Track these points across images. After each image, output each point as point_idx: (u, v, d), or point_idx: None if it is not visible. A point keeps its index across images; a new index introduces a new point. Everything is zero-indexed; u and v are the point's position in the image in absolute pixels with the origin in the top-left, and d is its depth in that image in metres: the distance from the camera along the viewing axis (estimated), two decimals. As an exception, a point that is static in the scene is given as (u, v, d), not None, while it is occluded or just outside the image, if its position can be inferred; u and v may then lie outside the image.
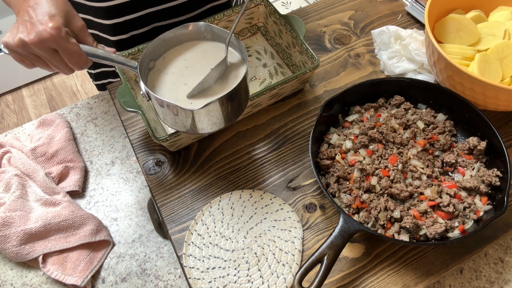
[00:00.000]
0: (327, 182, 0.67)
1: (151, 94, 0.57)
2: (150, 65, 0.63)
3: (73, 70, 0.57)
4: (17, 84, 2.22)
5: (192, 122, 0.58)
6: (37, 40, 0.51)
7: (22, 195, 0.72)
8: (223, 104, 0.57)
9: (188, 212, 0.69)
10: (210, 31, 0.63)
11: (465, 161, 0.68)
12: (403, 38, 0.85)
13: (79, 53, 0.54)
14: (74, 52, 0.54)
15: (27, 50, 0.52)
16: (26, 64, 0.55)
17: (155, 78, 0.62)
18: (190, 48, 0.65)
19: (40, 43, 0.51)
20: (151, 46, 0.61)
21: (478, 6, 0.82)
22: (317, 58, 0.73)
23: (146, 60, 0.62)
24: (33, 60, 0.55)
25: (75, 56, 0.54)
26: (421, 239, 0.61)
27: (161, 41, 0.62)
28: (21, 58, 0.54)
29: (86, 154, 0.83)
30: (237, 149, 0.75)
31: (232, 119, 0.62)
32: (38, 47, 0.51)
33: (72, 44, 0.53)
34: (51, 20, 0.51)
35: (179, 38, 0.64)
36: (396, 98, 0.76)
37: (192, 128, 0.60)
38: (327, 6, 0.98)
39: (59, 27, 0.51)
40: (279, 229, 0.66)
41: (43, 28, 0.50)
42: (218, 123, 0.60)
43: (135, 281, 0.70)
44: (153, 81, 0.62)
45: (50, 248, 0.69)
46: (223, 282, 0.62)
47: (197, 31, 0.64)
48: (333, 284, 0.62)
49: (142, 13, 0.82)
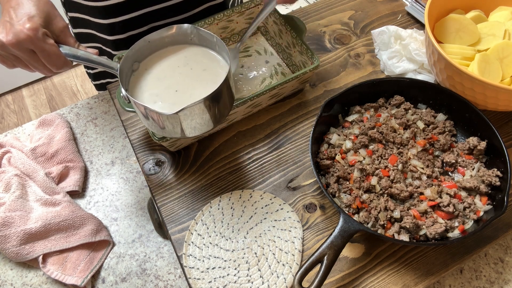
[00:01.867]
0: (327, 182, 0.67)
1: (130, 98, 0.55)
2: (134, 67, 0.62)
3: (52, 71, 0.57)
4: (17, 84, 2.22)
5: (170, 126, 0.57)
6: (14, 41, 0.51)
7: (22, 195, 0.72)
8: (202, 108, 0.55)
9: (188, 212, 0.69)
10: (196, 34, 0.62)
11: (465, 161, 0.68)
12: (403, 38, 0.85)
13: (56, 54, 0.54)
14: (52, 53, 0.54)
15: (5, 51, 0.53)
16: (7, 65, 0.56)
17: (137, 80, 0.62)
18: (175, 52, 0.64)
19: (17, 44, 0.51)
20: (135, 47, 0.60)
21: (478, 6, 0.82)
22: (317, 58, 0.73)
23: (129, 61, 0.61)
24: (13, 61, 0.55)
25: (53, 57, 0.54)
26: (421, 239, 0.61)
27: (146, 42, 0.62)
28: (1, 59, 0.55)
29: (86, 154, 0.83)
30: (237, 149, 0.75)
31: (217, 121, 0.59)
32: (16, 48, 0.52)
33: (49, 45, 0.53)
34: (29, 21, 0.52)
35: (165, 41, 0.63)
36: (396, 98, 0.76)
37: (170, 131, 0.58)
38: (327, 6, 0.98)
39: (36, 28, 0.51)
40: (279, 229, 0.66)
41: (20, 29, 0.51)
42: (198, 128, 0.58)
43: (135, 281, 0.70)
44: (135, 82, 0.61)
45: (50, 248, 0.69)
46: (223, 282, 0.62)
47: (183, 33, 0.63)
48: (333, 284, 0.62)
49: (139, 13, 0.82)
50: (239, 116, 0.75)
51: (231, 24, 0.85)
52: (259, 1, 0.84)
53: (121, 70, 0.58)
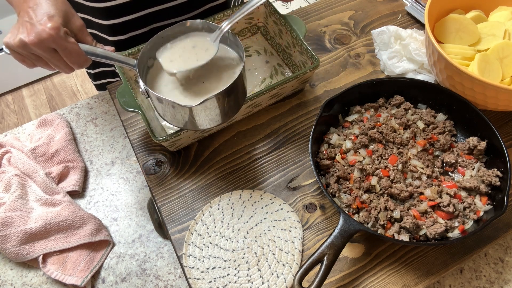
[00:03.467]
0: (327, 182, 0.67)
1: (150, 91, 0.57)
2: (149, 63, 0.64)
3: (73, 69, 0.58)
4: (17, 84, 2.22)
5: (190, 119, 0.59)
6: (37, 40, 0.51)
7: (22, 195, 0.72)
8: (219, 100, 0.58)
9: (188, 212, 0.69)
10: (207, 27, 0.64)
11: (465, 161, 0.68)
12: (403, 38, 0.85)
13: (78, 52, 0.55)
14: (73, 51, 0.55)
15: (27, 50, 0.53)
16: (28, 64, 0.56)
17: (154, 76, 0.63)
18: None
19: (40, 43, 0.52)
20: (149, 44, 0.62)
21: (478, 6, 0.82)
22: (317, 58, 0.73)
23: (145, 58, 0.62)
24: (34, 60, 0.56)
25: (74, 55, 0.55)
26: (421, 239, 0.61)
27: (160, 39, 0.63)
28: (22, 58, 0.55)
29: (86, 154, 0.83)
30: (237, 149, 0.75)
31: (230, 115, 0.63)
32: (38, 47, 0.52)
33: (71, 43, 0.54)
34: (50, 20, 0.52)
35: (177, 36, 0.64)
36: (396, 98, 0.76)
37: (190, 124, 0.61)
38: (327, 6, 0.98)
39: (57, 27, 0.52)
40: (279, 229, 0.66)
41: (42, 29, 0.51)
42: (216, 119, 0.61)
43: (135, 281, 0.70)
44: (152, 78, 0.63)
45: (50, 248, 0.69)
46: (223, 282, 0.62)
47: (195, 28, 0.64)
48: (333, 284, 0.62)
49: (141, 14, 0.82)
50: (239, 116, 0.75)
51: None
52: (259, 1, 0.84)
53: (138, 66, 0.59)
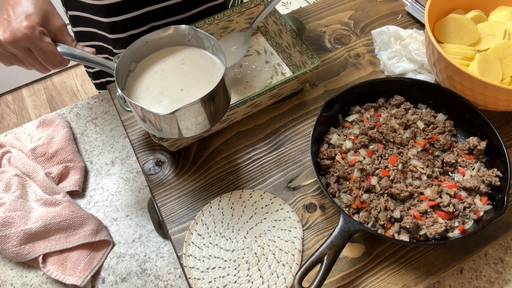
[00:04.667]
0: (327, 182, 0.67)
1: (126, 98, 0.55)
2: (131, 67, 0.63)
3: (49, 69, 0.58)
4: (17, 84, 2.22)
5: (167, 127, 0.57)
6: (11, 39, 0.52)
7: (22, 195, 0.72)
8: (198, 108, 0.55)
9: (188, 212, 0.69)
10: (194, 35, 0.63)
11: (465, 161, 0.68)
12: (403, 38, 0.85)
13: (53, 52, 0.55)
14: (48, 51, 0.54)
15: (2, 48, 0.53)
16: (4, 62, 0.57)
17: (134, 80, 0.62)
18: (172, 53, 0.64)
19: (14, 42, 0.52)
20: (132, 47, 0.60)
21: (478, 6, 0.82)
22: (317, 58, 0.73)
23: (126, 61, 0.61)
24: (10, 58, 0.56)
25: (49, 55, 0.55)
26: (421, 239, 0.61)
27: (143, 42, 0.62)
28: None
29: (86, 154, 0.83)
30: (237, 149, 0.75)
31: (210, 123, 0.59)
32: (13, 46, 0.52)
33: (45, 43, 0.54)
34: (26, 19, 0.52)
35: (162, 41, 0.63)
36: (396, 98, 0.76)
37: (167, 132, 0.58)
38: (327, 6, 0.98)
39: (32, 26, 0.52)
40: (279, 229, 0.66)
41: (17, 27, 0.51)
42: (195, 128, 0.58)
43: (135, 281, 0.70)
44: (132, 83, 0.62)
45: (50, 248, 0.69)
46: (223, 282, 0.62)
47: (181, 34, 0.63)
48: (333, 284, 0.62)
49: (140, 12, 0.82)
50: (239, 116, 0.75)
51: (231, 24, 0.85)
52: (259, 1, 0.84)
53: (118, 70, 0.58)
